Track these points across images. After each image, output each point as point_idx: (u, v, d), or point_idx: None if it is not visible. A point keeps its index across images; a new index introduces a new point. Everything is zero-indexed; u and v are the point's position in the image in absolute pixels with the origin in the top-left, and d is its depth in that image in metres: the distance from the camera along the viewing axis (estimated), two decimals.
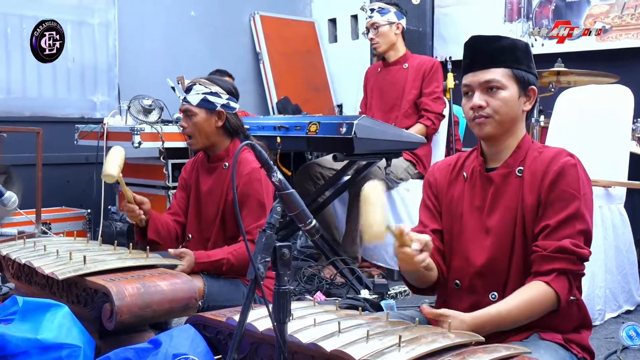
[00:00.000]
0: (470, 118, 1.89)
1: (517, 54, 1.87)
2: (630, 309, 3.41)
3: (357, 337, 1.57)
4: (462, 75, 1.93)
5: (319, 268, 3.98)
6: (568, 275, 1.77)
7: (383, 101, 4.14)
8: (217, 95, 2.77)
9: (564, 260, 1.75)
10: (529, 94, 1.89)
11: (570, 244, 1.76)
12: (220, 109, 2.77)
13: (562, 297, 1.75)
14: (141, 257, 2.51)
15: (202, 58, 5.79)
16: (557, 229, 1.77)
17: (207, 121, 2.77)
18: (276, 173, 1.58)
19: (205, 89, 2.76)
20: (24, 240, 2.79)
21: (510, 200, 1.85)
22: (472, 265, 1.88)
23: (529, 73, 1.88)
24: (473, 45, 1.91)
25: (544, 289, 1.75)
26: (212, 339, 1.95)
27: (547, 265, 1.76)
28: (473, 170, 1.95)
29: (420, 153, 4.11)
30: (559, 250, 1.75)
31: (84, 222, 4.53)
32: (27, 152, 4.36)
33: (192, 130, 2.79)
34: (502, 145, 1.90)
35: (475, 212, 1.91)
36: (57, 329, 2.06)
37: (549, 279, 1.75)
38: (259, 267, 1.48)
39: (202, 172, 2.89)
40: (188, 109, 2.78)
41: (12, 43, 4.80)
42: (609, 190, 3.38)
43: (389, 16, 4.15)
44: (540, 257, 1.77)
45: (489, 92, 1.85)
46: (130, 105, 4.19)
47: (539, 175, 1.83)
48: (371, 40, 4.18)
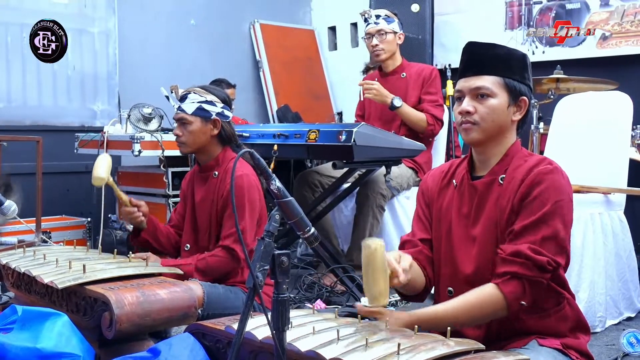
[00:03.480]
0: (459, 123, 1.90)
1: (512, 63, 1.88)
2: (631, 316, 3.40)
3: (356, 345, 1.57)
4: (456, 80, 1.95)
5: (319, 276, 3.97)
6: (523, 280, 1.75)
7: (383, 111, 4.13)
8: (212, 103, 2.79)
9: (518, 264, 1.75)
10: (520, 104, 1.89)
11: (527, 249, 1.74)
12: (216, 117, 2.79)
13: (509, 301, 1.74)
14: (140, 266, 2.51)
15: (202, 66, 5.80)
16: (520, 234, 1.78)
17: (202, 129, 2.80)
18: (275, 181, 1.58)
19: (201, 98, 2.79)
20: (23, 249, 2.80)
21: (492, 209, 1.86)
22: (461, 273, 1.89)
23: (522, 84, 1.88)
24: (468, 51, 1.92)
25: (492, 292, 1.76)
26: (211, 348, 1.95)
27: (501, 268, 1.77)
28: (462, 178, 1.96)
29: (421, 160, 4.10)
30: (514, 254, 1.75)
31: (84, 230, 4.53)
32: (27, 161, 4.35)
33: (187, 138, 2.82)
34: (490, 153, 1.90)
35: (462, 221, 1.92)
36: (56, 338, 2.06)
37: (499, 281, 1.76)
38: (257, 275, 1.48)
39: (197, 182, 2.92)
40: (183, 117, 2.80)
41: (13, 52, 4.82)
42: (609, 197, 3.37)
43: (394, 25, 4.14)
44: (499, 259, 1.78)
45: (478, 99, 1.86)
46: (130, 113, 4.20)
47: (516, 183, 1.83)
48: (374, 46, 4.14)
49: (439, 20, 5.69)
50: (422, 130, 4.02)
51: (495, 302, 1.75)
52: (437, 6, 5.67)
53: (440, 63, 5.42)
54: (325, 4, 6.78)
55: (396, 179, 3.89)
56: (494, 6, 5.45)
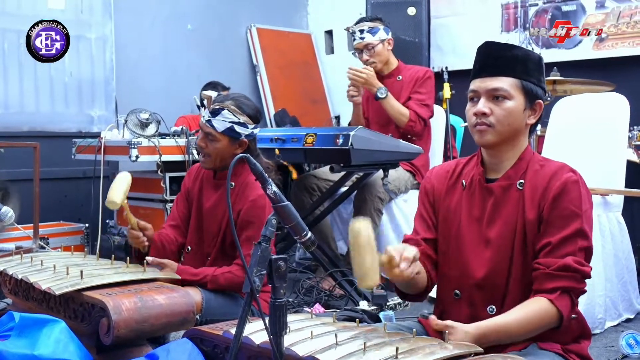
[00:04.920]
0: (472, 124, 1.86)
1: (529, 65, 1.85)
2: (630, 317, 3.40)
3: (354, 349, 1.57)
4: (470, 79, 1.90)
5: (317, 280, 3.97)
6: (570, 293, 1.76)
7: (380, 115, 4.14)
8: (244, 126, 2.74)
9: (568, 278, 1.74)
10: (535, 108, 1.87)
11: (573, 262, 1.74)
12: (244, 139, 2.76)
13: (564, 316, 1.74)
14: (138, 271, 2.50)
15: (200, 71, 5.79)
16: (560, 247, 1.76)
17: (229, 148, 2.75)
18: (271, 186, 1.57)
19: (234, 118, 2.72)
20: (21, 255, 2.79)
21: (510, 214, 1.84)
22: (471, 276, 1.87)
23: (538, 87, 1.86)
24: (485, 51, 1.88)
25: (547, 307, 1.73)
26: (209, 353, 1.94)
27: (550, 283, 1.74)
28: (472, 179, 1.93)
29: (418, 163, 4.10)
30: (562, 269, 1.74)
31: (82, 236, 4.51)
32: (24, 167, 4.35)
33: (211, 153, 2.76)
34: (503, 156, 1.88)
35: (474, 223, 1.89)
36: (54, 344, 2.05)
37: (553, 297, 1.73)
38: (254, 280, 1.48)
39: (207, 187, 2.87)
40: (211, 133, 2.74)
41: (9, 58, 4.81)
42: (607, 199, 3.37)
43: (380, 34, 4.14)
44: (544, 274, 1.76)
45: (494, 100, 1.83)
46: (127, 119, 4.20)
47: (540, 190, 1.81)
48: (366, 61, 4.15)
49: (435, 23, 5.70)
50: (402, 125, 4.01)
51: (551, 317, 1.74)
52: (433, 9, 5.68)
53: (437, 66, 5.42)
54: (321, 8, 6.77)
55: (394, 182, 3.89)
56: (490, 9, 5.46)
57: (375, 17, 4.33)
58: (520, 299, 1.80)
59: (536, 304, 1.74)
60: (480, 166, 1.93)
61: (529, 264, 1.81)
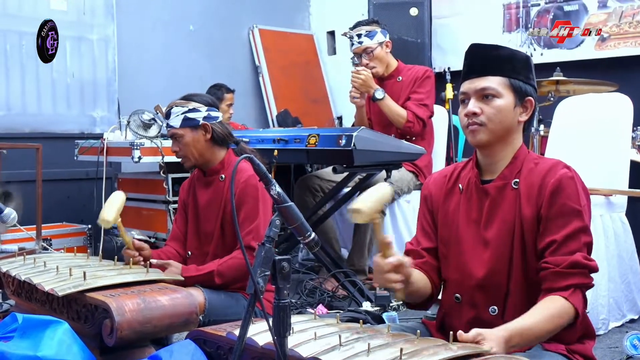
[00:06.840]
0: (465, 125, 1.88)
1: (515, 63, 1.87)
2: (634, 318, 3.39)
3: (358, 351, 1.56)
4: (460, 83, 1.93)
5: (320, 281, 3.97)
6: (582, 289, 1.76)
7: (381, 116, 4.13)
8: (195, 110, 2.79)
9: (578, 275, 1.74)
10: (526, 105, 1.87)
11: (582, 258, 1.75)
12: (203, 122, 2.79)
13: (580, 312, 1.74)
14: (141, 273, 2.50)
15: (202, 72, 5.80)
16: (565, 244, 1.76)
17: (195, 138, 2.79)
18: (275, 186, 1.57)
19: (183, 108, 2.78)
20: (24, 256, 2.78)
21: (507, 213, 1.84)
22: (472, 278, 1.87)
23: (527, 84, 1.87)
24: (471, 53, 1.91)
25: (565, 304, 1.72)
26: (213, 354, 1.94)
27: (562, 282, 1.74)
28: (469, 182, 1.93)
29: (421, 164, 4.10)
30: (572, 266, 1.74)
31: (85, 237, 4.52)
32: (27, 168, 4.35)
33: (185, 151, 2.82)
34: (498, 156, 1.88)
35: (472, 225, 1.90)
36: (57, 346, 2.04)
37: (567, 294, 1.73)
38: (258, 281, 1.47)
39: (199, 187, 2.90)
40: (174, 132, 2.82)
41: (12, 60, 4.81)
42: (610, 199, 3.36)
43: (378, 37, 4.13)
44: (554, 273, 1.75)
45: (484, 100, 1.85)
46: (129, 120, 4.20)
47: (535, 188, 1.81)
48: (366, 65, 4.14)
49: (437, 24, 5.70)
50: (400, 126, 4.01)
51: (569, 315, 1.73)
52: (435, 9, 5.68)
53: (439, 66, 5.43)
54: (324, 9, 6.78)
55: (396, 182, 3.89)
56: (491, 9, 5.46)
57: (372, 20, 4.32)
58: (522, 297, 1.80)
59: (554, 303, 1.73)
60: (475, 168, 1.93)
61: (529, 262, 1.81)
